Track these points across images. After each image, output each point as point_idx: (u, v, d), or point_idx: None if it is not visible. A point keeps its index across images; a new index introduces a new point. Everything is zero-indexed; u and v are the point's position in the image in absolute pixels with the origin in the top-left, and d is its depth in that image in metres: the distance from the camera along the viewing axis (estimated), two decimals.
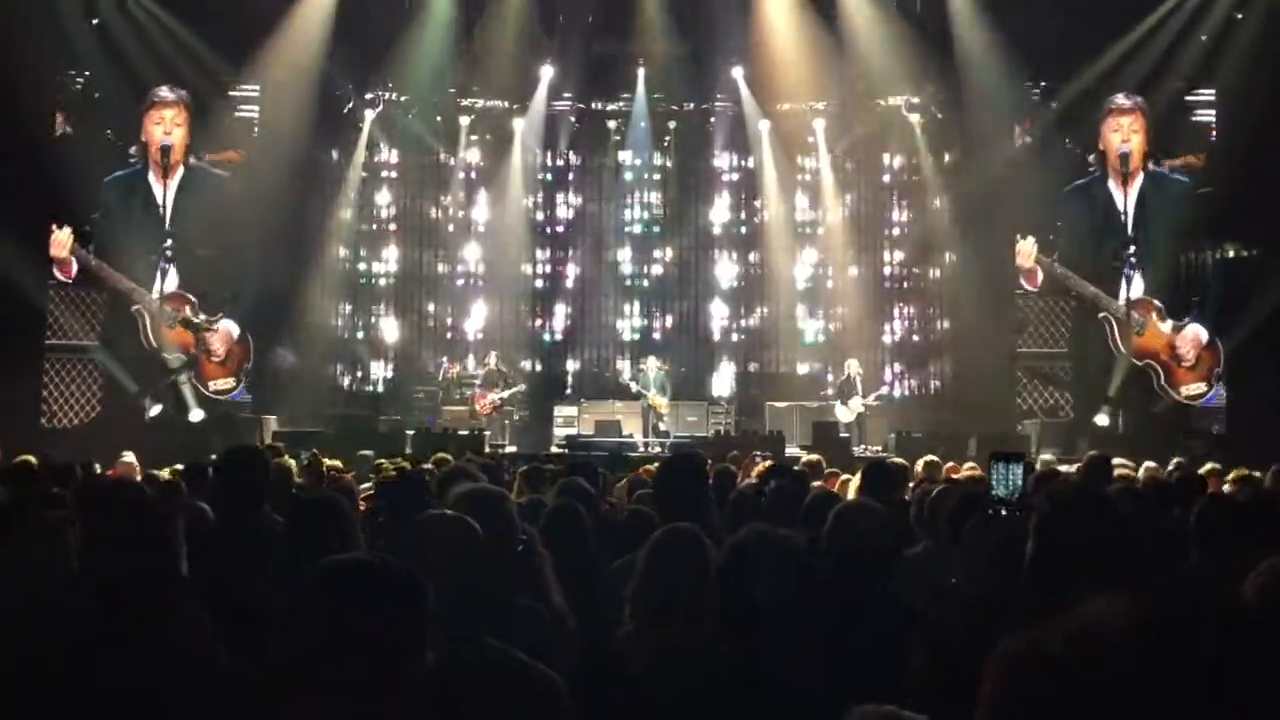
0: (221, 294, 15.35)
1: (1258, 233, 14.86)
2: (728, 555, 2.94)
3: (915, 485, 6.61)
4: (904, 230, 17.94)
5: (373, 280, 17.85)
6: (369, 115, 16.93)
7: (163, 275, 15.17)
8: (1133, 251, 15.51)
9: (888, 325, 17.87)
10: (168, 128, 15.18)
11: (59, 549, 2.83)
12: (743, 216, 18.34)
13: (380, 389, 17.30)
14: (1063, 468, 8.98)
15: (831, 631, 2.87)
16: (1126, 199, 15.60)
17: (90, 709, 2.09)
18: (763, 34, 16.29)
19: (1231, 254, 15.49)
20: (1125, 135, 15.55)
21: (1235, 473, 6.76)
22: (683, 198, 18.09)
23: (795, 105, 17.47)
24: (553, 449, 14.53)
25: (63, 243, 14.65)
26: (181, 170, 15.30)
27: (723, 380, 17.76)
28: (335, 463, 8.43)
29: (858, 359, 16.11)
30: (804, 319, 18.01)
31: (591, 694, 2.57)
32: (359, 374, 17.55)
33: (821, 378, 17.51)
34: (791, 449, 13.68)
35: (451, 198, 17.83)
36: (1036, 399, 15.95)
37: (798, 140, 17.80)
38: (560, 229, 18.39)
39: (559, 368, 18.19)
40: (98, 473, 7.65)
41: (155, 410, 14.95)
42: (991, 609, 2.68)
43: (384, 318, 17.84)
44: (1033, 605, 2.44)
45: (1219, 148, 15.18)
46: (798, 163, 17.98)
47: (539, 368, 18.03)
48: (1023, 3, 14.52)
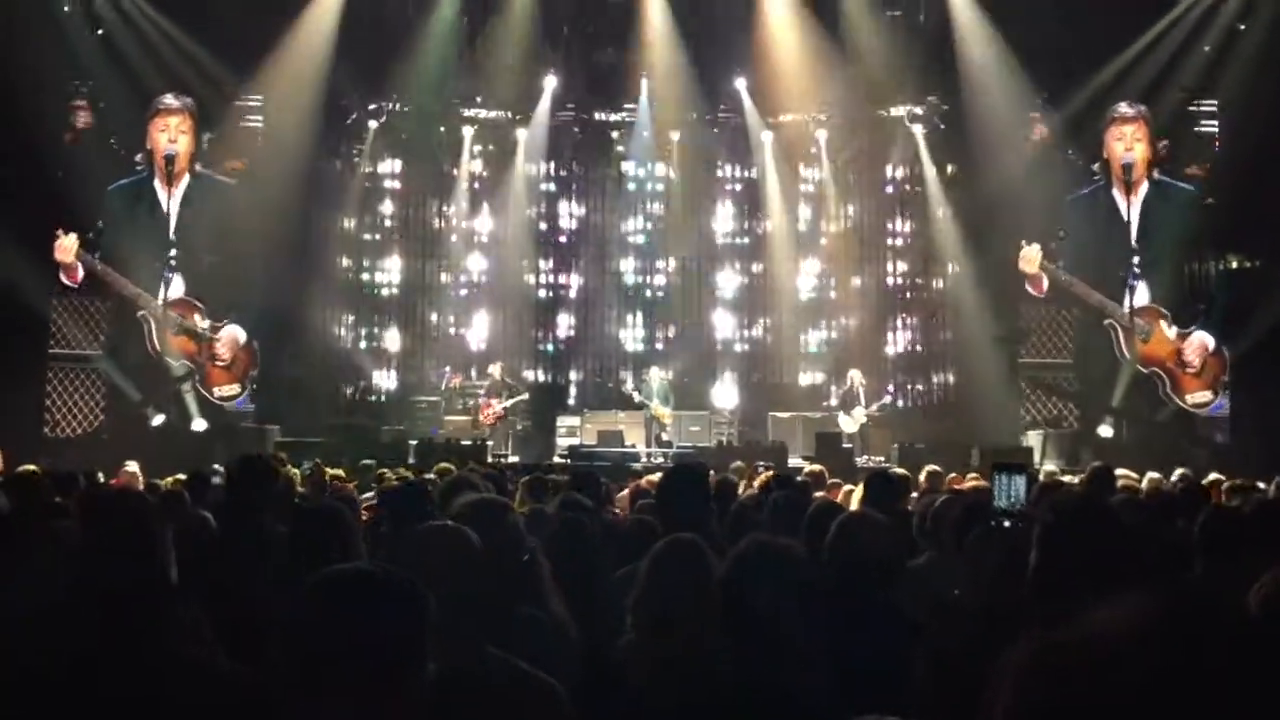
0: (227, 302, 15.38)
1: (1262, 243, 14.86)
2: (729, 566, 2.93)
3: (918, 496, 6.60)
4: (906, 241, 17.94)
5: (376, 290, 17.87)
6: (372, 125, 16.97)
7: (167, 283, 15.19)
8: (1137, 260, 15.49)
9: (890, 336, 17.87)
10: (173, 135, 15.21)
11: (59, 558, 2.83)
12: (745, 227, 18.35)
13: (383, 399, 17.31)
14: (1066, 479, 8.96)
15: (833, 642, 2.86)
16: (1130, 208, 15.60)
17: (90, 716, 2.09)
18: (765, 45, 16.34)
19: (1235, 264, 15.49)
20: (1128, 144, 15.56)
21: (1229, 483, 6.75)
22: (685, 208, 18.09)
23: (798, 116, 17.50)
24: (555, 459, 14.51)
25: (68, 248, 14.67)
26: (187, 178, 15.33)
27: (725, 391, 17.74)
28: (337, 472, 8.45)
29: (860, 369, 16.11)
30: (806, 329, 18.01)
31: (593, 703, 2.57)
32: (362, 383, 17.54)
33: (824, 388, 17.51)
34: (794, 459, 13.65)
35: (455, 208, 17.85)
36: (1040, 409, 15.93)
37: (800, 151, 17.84)
38: (563, 239, 18.41)
39: (562, 378, 18.20)
40: (101, 482, 7.66)
41: (158, 420, 14.95)
42: (994, 620, 2.67)
43: (387, 327, 17.85)
44: (1035, 617, 2.43)
45: (1223, 158, 15.18)
46: (800, 173, 18.00)
47: (542, 378, 18.04)
48: (1025, 13, 14.54)
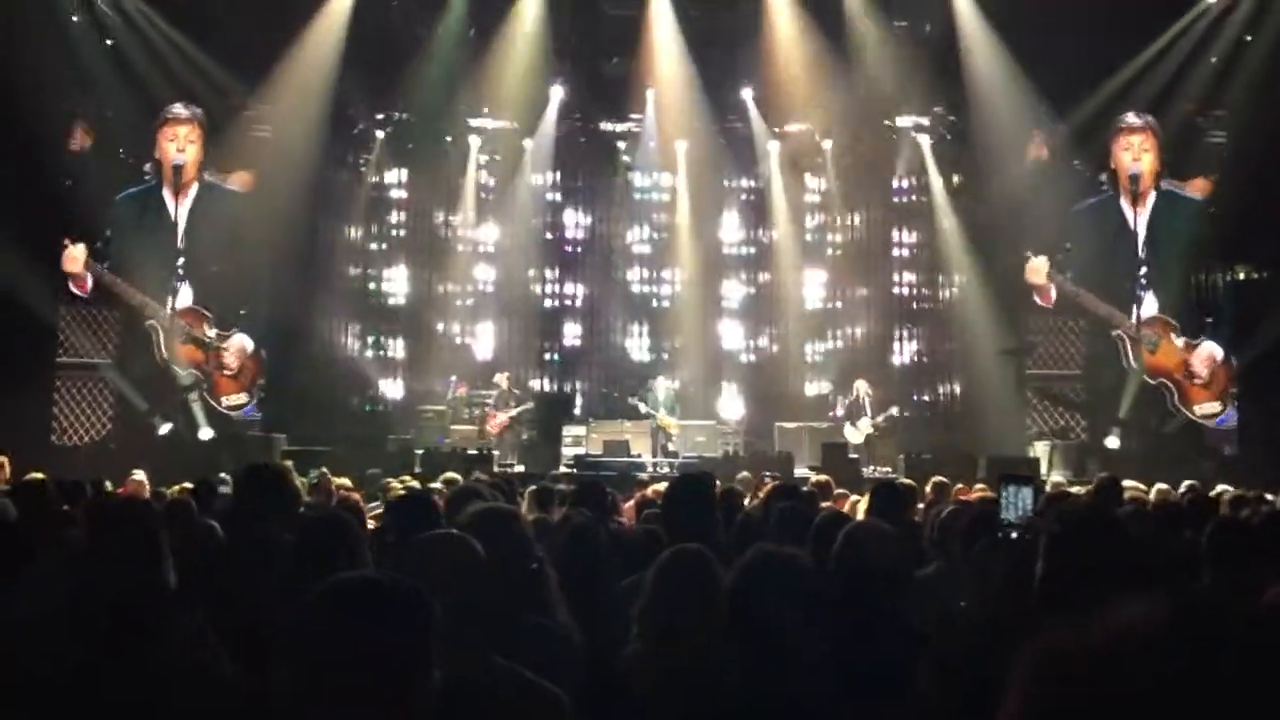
0: (235, 310, 15.42)
1: (1269, 254, 14.85)
2: (736, 576, 2.93)
3: (925, 507, 6.59)
4: (913, 251, 17.93)
5: (382, 299, 17.90)
6: (379, 135, 17.03)
7: (174, 292, 15.23)
8: (1144, 271, 15.47)
9: (897, 346, 17.86)
10: (181, 145, 15.28)
11: (63, 565, 2.84)
12: (751, 236, 18.36)
13: (389, 408, 17.32)
14: (1074, 490, 8.93)
15: (839, 652, 2.86)
16: (1138, 218, 15.59)
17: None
18: (771, 55, 16.36)
19: (1242, 275, 15.46)
20: (1136, 154, 15.56)
21: (1231, 494, 6.73)
22: (691, 218, 18.10)
23: (804, 126, 17.53)
24: (561, 469, 14.49)
25: (77, 258, 14.72)
26: (195, 187, 15.39)
27: (732, 401, 17.73)
28: (344, 481, 8.45)
29: (867, 380, 16.08)
30: (813, 340, 18.01)
31: (597, 713, 2.57)
32: (368, 393, 17.56)
33: (830, 399, 17.49)
34: (800, 470, 13.64)
35: (461, 217, 17.87)
36: (1047, 420, 15.89)
37: (806, 161, 17.86)
38: (569, 249, 18.44)
39: (567, 387, 18.21)
40: (108, 491, 7.67)
41: (165, 428, 14.98)
42: (1000, 632, 2.66)
43: (394, 337, 17.87)
44: (1042, 628, 2.42)
45: (1229, 169, 15.17)
46: (806, 183, 18.02)
47: (548, 387, 18.05)
48: (1032, 24, 14.55)
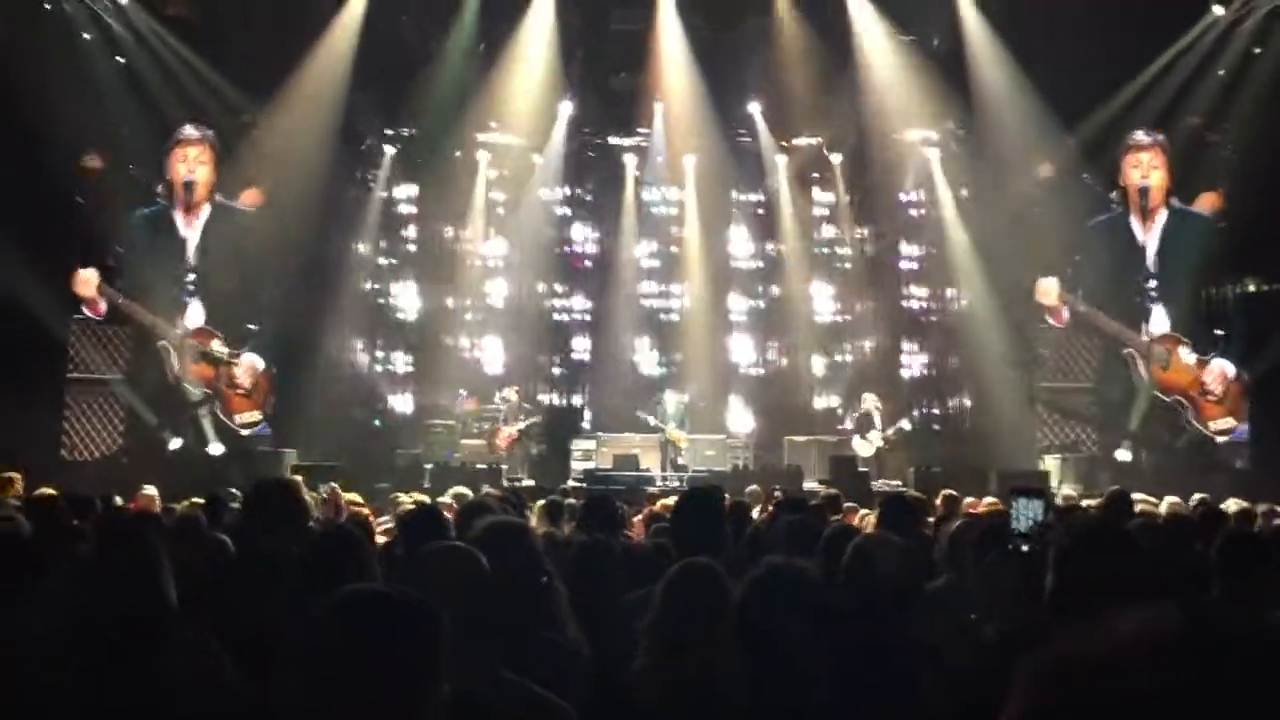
0: (245, 327, 15.48)
1: (1278, 268, 14.81)
2: (745, 589, 2.93)
3: (935, 520, 6.57)
4: (922, 264, 17.93)
5: (392, 314, 17.95)
6: (389, 151, 17.11)
7: (185, 311, 15.29)
8: (1154, 286, 15.44)
9: (906, 359, 17.84)
10: (191, 165, 15.35)
11: (69, 578, 2.85)
12: (760, 250, 18.38)
13: (398, 422, 17.35)
14: (1084, 503, 8.90)
15: (848, 665, 2.85)
16: (1148, 234, 15.57)
17: None
18: (779, 69, 16.40)
19: (1252, 289, 15.42)
20: (1145, 171, 15.53)
21: (1237, 508, 6.71)
22: (700, 232, 18.12)
23: (812, 140, 17.56)
24: (570, 483, 14.49)
25: (89, 281, 14.80)
26: (207, 207, 15.46)
27: (741, 414, 17.72)
28: (353, 496, 8.46)
29: (876, 393, 16.07)
30: (822, 353, 18.01)
31: None
32: (378, 407, 17.60)
33: (840, 412, 17.47)
34: (810, 483, 13.62)
35: (470, 232, 17.93)
36: (1058, 434, 15.84)
37: (814, 174, 17.88)
38: (578, 263, 18.48)
39: (576, 401, 18.22)
40: (118, 506, 7.69)
41: (175, 443, 15.02)
42: (1009, 646, 2.66)
43: (403, 351, 17.91)
44: (1052, 641, 2.41)
45: (1237, 183, 15.14)
46: (814, 197, 18.04)
47: (557, 401, 18.07)
48: (1040, 38, 14.57)
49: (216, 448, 15.00)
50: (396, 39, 16.09)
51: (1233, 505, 7.20)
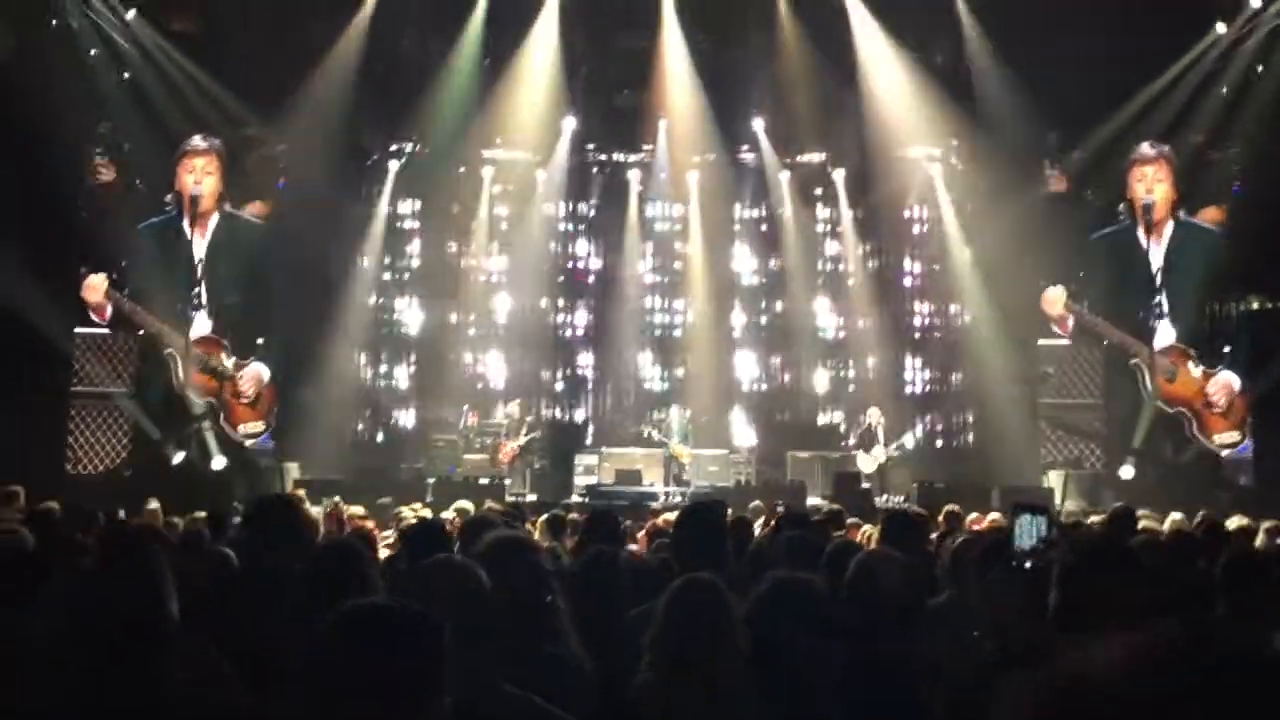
0: (251, 340, 15.49)
1: None
2: (753, 605, 2.93)
3: (937, 536, 6.56)
4: (925, 280, 17.95)
5: (396, 329, 17.98)
6: (393, 166, 17.16)
7: (191, 322, 15.30)
8: (1159, 301, 15.41)
9: (909, 375, 17.83)
10: (198, 177, 15.37)
11: (67, 590, 2.85)
12: (763, 266, 18.40)
13: (401, 437, 17.35)
14: (1088, 519, 8.88)
15: (851, 680, 2.85)
16: (1154, 248, 15.55)
17: None
18: (782, 85, 16.46)
19: (1256, 305, 15.41)
20: (1149, 185, 15.51)
21: (1237, 525, 6.69)
22: (703, 247, 18.15)
23: (815, 156, 17.61)
24: (573, 498, 14.49)
25: (97, 286, 14.81)
26: (216, 218, 15.49)
27: (744, 430, 17.72)
28: (356, 510, 8.46)
29: (879, 408, 16.06)
30: (825, 368, 18.01)
31: None
32: (381, 421, 17.60)
33: (843, 427, 17.46)
34: (813, 499, 13.61)
35: (474, 247, 17.97)
36: (1061, 450, 15.80)
37: (818, 190, 17.92)
38: (582, 279, 18.50)
39: (579, 416, 18.22)
40: (121, 519, 7.69)
41: (179, 457, 15.00)
42: (1011, 663, 2.65)
43: (406, 366, 17.92)
44: (1054, 658, 2.41)
45: (1241, 200, 15.15)
46: (817, 213, 18.07)
47: (560, 416, 18.07)
48: (1042, 53, 14.59)
49: (219, 462, 14.97)
50: (401, 54, 16.16)
51: (1235, 523, 7.18)
